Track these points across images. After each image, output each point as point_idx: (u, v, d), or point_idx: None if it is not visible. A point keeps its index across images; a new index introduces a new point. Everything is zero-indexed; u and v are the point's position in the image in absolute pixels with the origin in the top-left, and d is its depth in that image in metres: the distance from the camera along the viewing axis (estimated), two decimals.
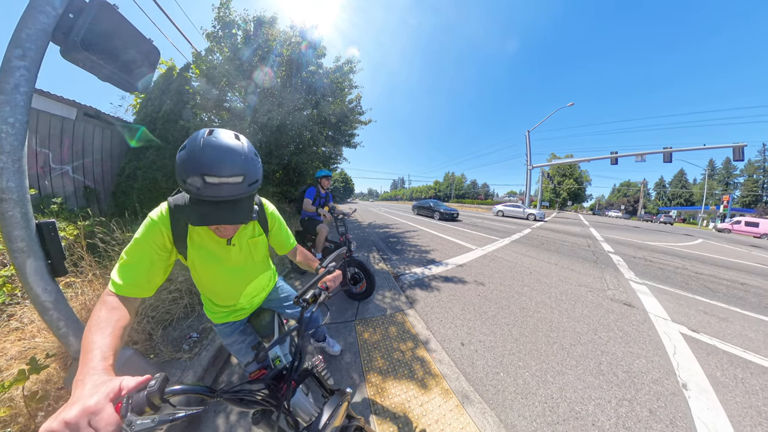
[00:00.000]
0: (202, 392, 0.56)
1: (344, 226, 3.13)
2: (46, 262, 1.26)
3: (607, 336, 2.52)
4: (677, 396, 1.81)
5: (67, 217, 3.65)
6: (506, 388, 1.84)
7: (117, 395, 0.47)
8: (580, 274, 4.57)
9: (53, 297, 1.27)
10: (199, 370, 1.83)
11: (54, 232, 1.28)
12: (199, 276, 0.98)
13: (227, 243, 0.95)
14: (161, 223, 0.82)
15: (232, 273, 1.02)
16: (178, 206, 0.84)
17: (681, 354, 2.30)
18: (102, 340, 0.58)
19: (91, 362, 0.53)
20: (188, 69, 6.43)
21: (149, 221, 0.81)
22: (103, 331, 0.61)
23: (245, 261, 1.03)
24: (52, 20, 1.20)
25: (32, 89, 1.23)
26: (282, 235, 1.16)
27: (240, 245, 0.99)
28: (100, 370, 0.51)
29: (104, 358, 0.54)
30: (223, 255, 0.95)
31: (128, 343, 1.91)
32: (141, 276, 0.76)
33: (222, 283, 1.03)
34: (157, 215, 0.82)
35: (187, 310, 2.49)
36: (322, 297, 0.88)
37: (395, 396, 1.69)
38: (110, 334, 0.60)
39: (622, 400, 1.75)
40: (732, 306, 3.44)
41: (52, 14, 1.20)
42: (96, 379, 0.49)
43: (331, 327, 2.51)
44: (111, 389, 0.47)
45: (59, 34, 1.23)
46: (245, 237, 1.01)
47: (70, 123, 4.94)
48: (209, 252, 0.92)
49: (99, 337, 0.59)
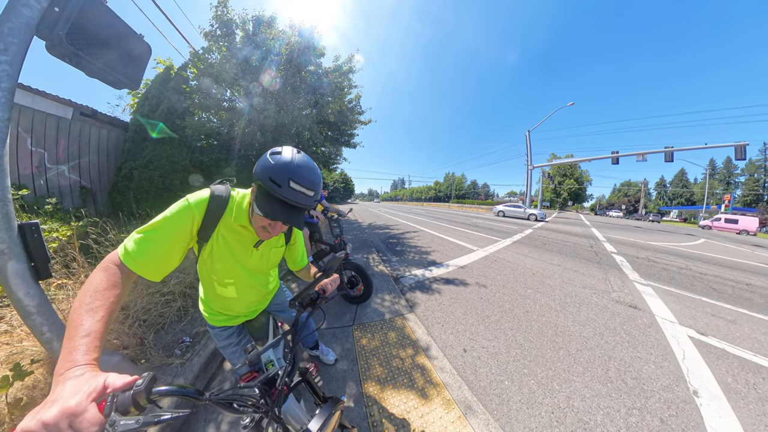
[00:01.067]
0: (191, 395, 0.54)
1: (339, 228, 3.01)
2: (29, 265, 1.21)
3: (614, 340, 2.46)
4: (688, 404, 1.75)
5: (62, 218, 3.60)
6: (511, 398, 1.77)
7: (101, 393, 0.45)
8: (584, 275, 4.50)
9: (36, 301, 1.22)
10: (190, 376, 1.79)
11: (38, 233, 1.23)
12: (208, 270, 0.94)
13: (254, 246, 0.97)
14: (196, 208, 0.81)
15: (244, 275, 1.00)
16: (220, 196, 0.86)
17: (690, 358, 2.24)
18: (92, 324, 0.55)
19: (75, 353, 0.50)
20: (186, 68, 6.39)
21: (185, 203, 0.80)
22: (95, 312, 0.57)
23: (260, 266, 1.04)
24: (36, 14, 1.16)
25: (14, 85, 1.18)
26: (299, 250, 1.17)
27: (262, 251, 1.00)
28: (83, 365, 0.48)
29: (89, 350, 0.51)
30: (243, 256, 0.96)
31: (118, 348, 1.88)
32: (158, 255, 0.74)
33: (231, 284, 1.00)
34: (195, 199, 0.82)
35: (180, 314, 2.44)
36: (318, 301, 0.87)
37: (394, 407, 1.62)
38: (101, 318, 0.57)
39: (632, 408, 1.68)
40: (739, 307, 3.38)
41: (36, 7, 1.15)
42: (79, 375, 0.46)
43: (327, 332, 2.44)
44: (94, 388, 0.44)
45: (44, 28, 1.18)
46: (270, 245, 1.02)
47: (66, 123, 4.90)
48: (231, 250, 0.92)
49: (89, 319, 0.55)
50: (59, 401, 0.41)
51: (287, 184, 0.74)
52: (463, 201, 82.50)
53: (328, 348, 2.08)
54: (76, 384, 0.45)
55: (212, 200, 0.84)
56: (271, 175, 0.74)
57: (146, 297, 2.37)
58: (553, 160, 39.71)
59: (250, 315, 1.17)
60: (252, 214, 0.85)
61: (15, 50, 1.13)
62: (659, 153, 18.65)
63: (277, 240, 1.05)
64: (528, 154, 28.35)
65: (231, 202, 0.89)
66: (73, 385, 0.44)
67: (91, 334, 0.54)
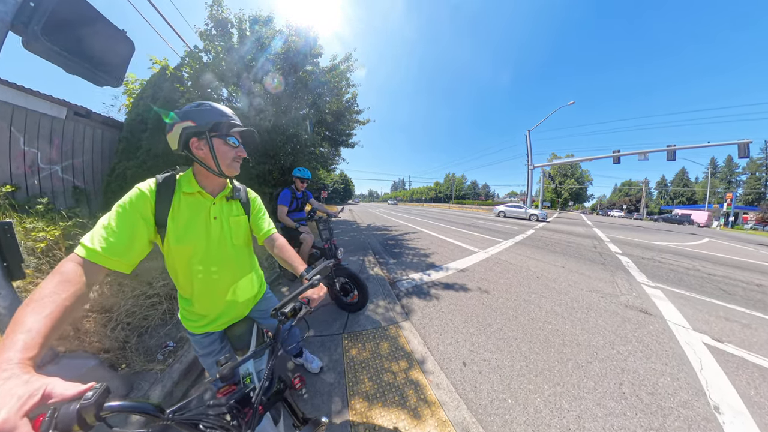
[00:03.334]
0: (149, 411, 0.47)
1: (329, 230, 2.77)
2: (1, 265, 1.18)
3: (626, 350, 2.29)
4: (710, 422, 1.59)
5: (52, 218, 3.52)
6: (515, 419, 1.59)
7: (37, 404, 0.38)
8: (590, 278, 4.34)
9: (8, 302, 1.19)
10: (168, 383, 1.69)
11: (11, 233, 1.20)
12: (174, 259, 0.92)
13: (213, 217, 0.97)
14: (147, 190, 0.84)
15: (212, 251, 0.96)
16: (167, 176, 0.90)
17: (708, 369, 2.08)
18: (34, 322, 0.48)
19: (8, 350, 0.43)
20: (181, 68, 6.31)
21: (135, 190, 0.83)
22: (40, 310, 0.52)
23: (224, 237, 1.00)
24: (10, 8, 1.10)
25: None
26: (260, 220, 1.14)
27: (221, 220, 0.99)
28: (14, 364, 0.41)
29: (26, 347, 0.44)
30: (203, 229, 0.94)
31: (99, 351, 1.77)
32: (121, 243, 0.73)
33: (201, 271, 0.95)
34: (145, 186, 0.85)
35: (166, 317, 2.36)
36: (302, 311, 0.82)
37: (382, 428, 1.46)
38: (48, 315, 0.51)
39: (649, 429, 1.51)
40: (753, 310, 3.22)
41: (10, 2, 1.09)
42: (9, 377, 0.39)
43: (315, 340, 2.28)
44: (28, 396, 0.37)
45: (18, 23, 1.12)
46: (227, 214, 1.02)
47: (60, 122, 4.86)
48: (191, 225, 0.92)
49: (32, 317, 0.50)
50: None
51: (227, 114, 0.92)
52: (463, 201, 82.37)
53: (313, 355, 1.93)
54: (3, 390, 0.37)
55: (160, 181, 0.88)
56: (215, 119, 0.89)
57: (131, 299, 2.33)
58: (553, 160, 39.60)
59: (232, 317, 1.08)
60: (218, 158, 0.91)
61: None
62: (662, 152, 18.51)
63: (233, 209, 1.05)
64: (528, 154, 28.22)
65: (179, 179, 0.93)
66: (2, 392, 0.37)
67: (33, 331, 0.47)
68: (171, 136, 0.89)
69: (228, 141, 0.91)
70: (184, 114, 0.87)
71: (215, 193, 0.99)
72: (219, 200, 0.99)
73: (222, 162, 0.92)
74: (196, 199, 0.94)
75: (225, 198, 1.01)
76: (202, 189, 0.94)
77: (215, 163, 0.91)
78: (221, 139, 0.90)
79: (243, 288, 1.08)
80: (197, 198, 0.94)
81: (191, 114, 0.87)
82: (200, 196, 0.95)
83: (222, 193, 1.00)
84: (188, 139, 0.88)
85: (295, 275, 1.11)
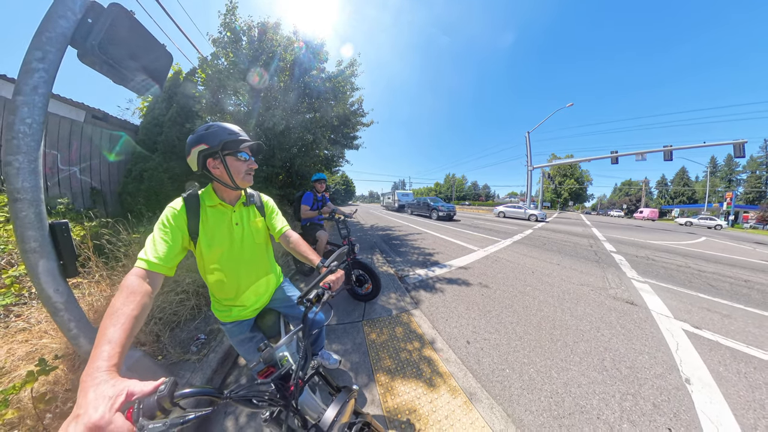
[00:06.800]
0: (212, 394, 0.57)
1: (346, 229, 3.11)
2: (58, 263, 1.26)
3: (609, 333, 2.54)
4: (680, 390, 1.82)
5: (74, 218, 3.68)
6: (512, 384, 1.86)
7: (124, 402, 0.47)
8: (583, 273, 4.57)
9: (65, 298, 1.27)
10: (207, 371, 1.84)
11: (67, 232, 1.29)
12: (205, 262, 1.06)
13: (235, 224, 1.12)
14: (179, 209, 0.99)
15: (238, 256, 1.11)
16: (191, 194, 1.04)
17: (684, 350, 2.31)
18: (113, 333, 0.60)
19: (97, 360, 0.53)
20: (194, 74, 6.52)
21: (169, 209, 0.98)
22: (116, 322, 0.63)
23: (246, 237, 1.15)
24: (71, 24, 1.24)
25: (49, 91, 1.26)
26: (275, 219, 1.28)
27: (242, 225, 1.14)
28: (103, 371, 0.51)
29: (110, 356, 0.55)
30: (228, 233, 1.09)
31: (136, 345, 1.91)
32: (170, 252, 0.89)
33: (228, 269, 1.10)
34: (176, 204, 1.00)
35: (194, 312, 2.52)
36: (325, 296, 0.90)
37: (404, 394, 1.71)
38: (121, 326, 0.62)
39: (626, 394, 1.76)
40: (735, 303, 3.43)
41: (72, 19, 1.24)
42: (99, 383, 0.49)
43: (339, 328, 2.53)
44: (116, 397, 0.47)
45: (78, 38, 1.27)
46: (246, 219, 1.16)
47: (78, 125, 5.00)
48: (218, 232, 1.06)
49: (111, 329, 0.61)
50: (84, 416, 0.43)
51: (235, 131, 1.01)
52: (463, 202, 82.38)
53: (329, 353, 2.12)
54: (96, 394, 0.47)
55: (187, 199, 1.02)
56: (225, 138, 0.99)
57: (161, 296, 2.44)
58: (553, 161, 39.74)
59: (258, 307, 1.23)
60: (233, 174, 1.03)
61: (51, 58, 1.21)
62: (658, 152, 18.69)
63: (251, 214, 1.19)
64: (528, 155, 28.40)
65: (201, 194, 1.07)
66: (95, 395, 0.46)
67: (113, 341, 0.58)
68: (190, 159, 1.01)
69: (239, 157, 1.02)
70: (198, 138, 0.97)
71: (233, 203, 1.12)
72: (238, 207, 1.12)
73: (236, 176, 1.03)
74: (218, 210, 1.07)
75: (242, 204, 1.15)
76: (222, 201, 1.08)
77: (230, 179, 1.02)
78: (233, 156, 1.01)
79: (264, 280, 1.24)
80: (219, 209, 1.08)
81: (204, 137, 0.97)
82: (221, 206, 1.08)
83: (239, 202, 1.14)
84: (205, 160, 1.00)
85: (312, 268, 1.29)
